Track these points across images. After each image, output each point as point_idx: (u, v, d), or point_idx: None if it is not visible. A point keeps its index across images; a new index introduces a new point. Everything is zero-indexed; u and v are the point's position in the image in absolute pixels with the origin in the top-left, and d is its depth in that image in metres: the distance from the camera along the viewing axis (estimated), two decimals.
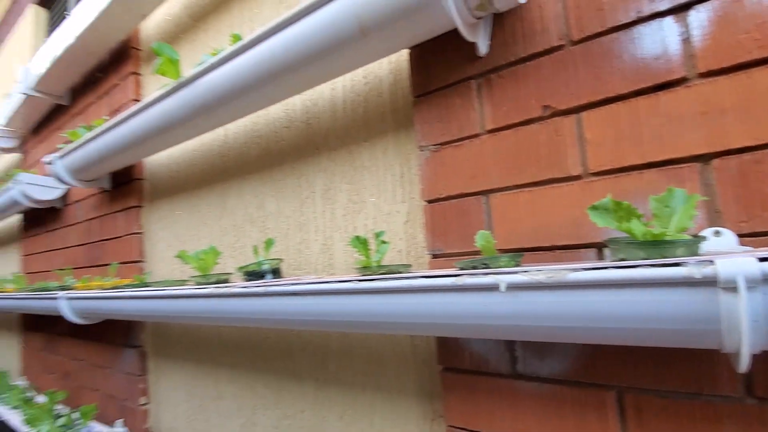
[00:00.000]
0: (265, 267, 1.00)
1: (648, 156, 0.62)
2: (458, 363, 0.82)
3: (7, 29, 3.39)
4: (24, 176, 2.02)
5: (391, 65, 1.03)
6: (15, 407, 2.07)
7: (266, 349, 1.24)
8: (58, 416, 1.75)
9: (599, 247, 0.67)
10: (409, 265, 0.82)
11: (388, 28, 0.77)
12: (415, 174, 0.97)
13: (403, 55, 0.98)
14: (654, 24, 0.61)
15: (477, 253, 0.78)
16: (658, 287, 0.44)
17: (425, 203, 0.88)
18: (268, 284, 0.88)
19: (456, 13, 0.69)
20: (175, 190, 1.60)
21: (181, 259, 1.14)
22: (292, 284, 0.83)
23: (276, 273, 1.02)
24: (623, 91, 0.64)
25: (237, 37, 1.06)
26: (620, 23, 0.65)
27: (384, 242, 0.79)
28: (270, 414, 1.22)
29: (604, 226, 0.53)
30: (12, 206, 2.23)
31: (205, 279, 1.13)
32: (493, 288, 0.57)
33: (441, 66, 0.87)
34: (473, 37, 0.77)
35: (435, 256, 0.86)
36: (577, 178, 0.70)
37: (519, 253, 0.69)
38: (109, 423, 1.75)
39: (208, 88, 1.06)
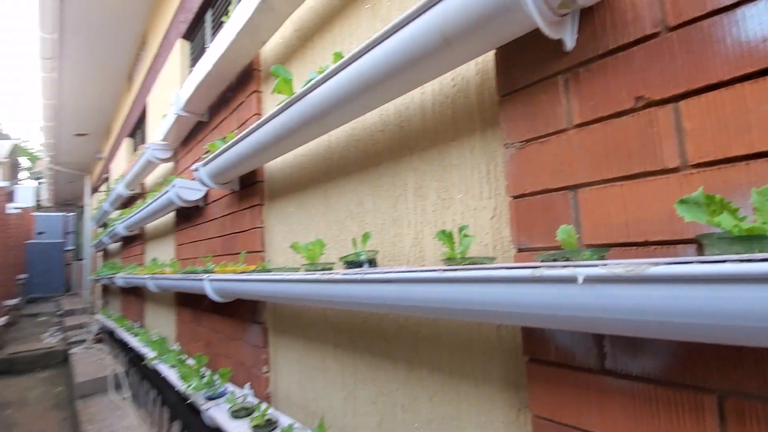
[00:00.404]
0: (363, 257, 1.13)
1: (756, 145, 0.58)
2: (544, 355, 0.83)
3: (162, 61, 4.17)
4: (178, 181, 2.50)
5: (478, 66, 1.07)
6: (172, 366, 2.58)
7: (364, 332, 1.38)
8: (203, 376, 2.15)
9: (700, 243, 0.64)
10: (493, 258, 0.86)
11: (470, 37, 0.82)
12: (502, 171, 0.99)
13: (490, 56, 1.02)
14: (760, 4, 0.56)
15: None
16: (744, 283, 0.43)
17: (511, 199, 0.91)
18: (365, 272, 1.00)
19: (537, 16, 0.71)
20: (288, 191, 1.84)
21: (294, 249, 1.33)
22: (385, 272, 0.93)
23: (372, 263, 1.14)
24: (727, 77, 0.60)
25: (338, 56, 1.20)
26: (722, 5, 0.60)
27: (467, 236, 0.85)
28: (368, 389, 1.35)
29: (692, 221, 0.51)
30: (169, 205, 2.76)
31: (313, 267, 1.30)
32: (570, 280, 0.59)
33: (527, 64, 0.89)
34: (558, 35, 0.77)
35: (520, 250, 0.89)
36: (675, 170, 0.67)
37: (604, 248, 0.68)
38: (240, 385, 2.10)
39: (315, 101, 1.22)
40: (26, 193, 14.75)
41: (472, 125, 1.07)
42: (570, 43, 0.79)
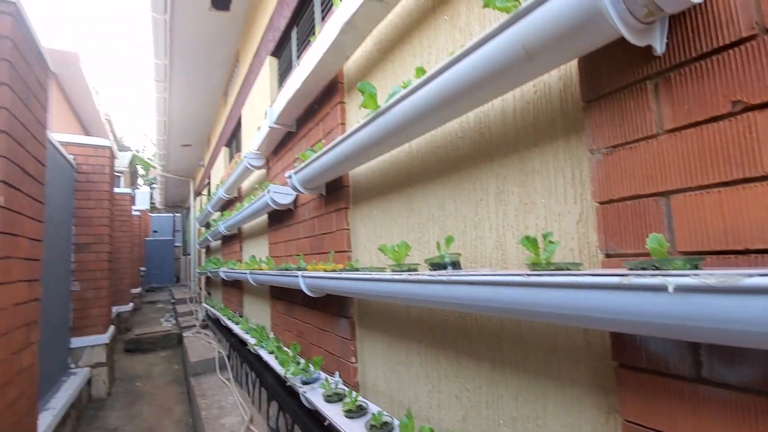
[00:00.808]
0: (447, 260, 1.20)
1: None
2: (635, 361, 0.84)
3: (253, 77, 4.61)
4: (272, 187, 2.79)
5: (561, 72, 1.08)
6: (270, 352, 2.89)
7: (447, 329, 1.45)
8: (298, 362, 2.39)
9: None
10: (579, 264, 0.88)
11: (552, 50, 0.85)
12: (587, 176, 1.00)
13: (573, 61, 1.02)
14: None
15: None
16: None
17: (597, 204, 0.92)
18: (451, 274, 1.08)
19: (622, 26, 0.73)
20: (372, 195, 1.97)
21: (381, 251, 1.44)
22: (470, 275, 1.00)
23: (455, 265, 1.21)
24: None
25: (420, 71, 1.29)
26: None
27: (552, 242, 0.88)
28: (452, 385, 1.43)
29: None
30: (265, 208, 3.09)
31: (399, 267, 1.41)
32: (660, 289, 0.61)
33: (613, 69, 0.89)
34: (646, 41, 0.77)
35: (608, 256, 0.90)
36: None
37: (698, 257, 0.68)
38: (330, 372, 2.30)
39: (399, 115, 1.32)
40: (143, 197, 17.16)
41: (554, 131, 1.09)
42: (660, 47, 0.79)
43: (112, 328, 5.09)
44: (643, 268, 0.68)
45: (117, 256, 7.56)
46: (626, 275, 0.67)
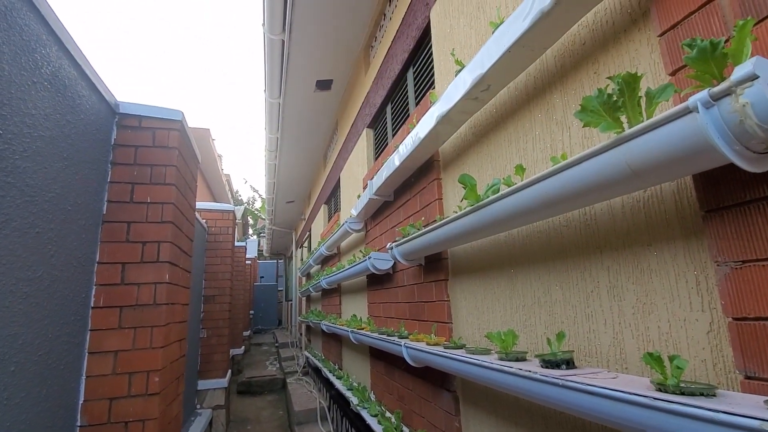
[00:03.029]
0: (560, 357, 1.20)
1: None
2: None
3: (350, 145, 5.08)
4: (374, 254, 3.00)
5: None
6: (374, 416, 2.97)
7: (561, 422, 1.40)
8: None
9: None
10: (714, 387, 0.83)
11: (660, 171, 0.87)
12: (715, 284, 0.96)
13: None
14: None
15: None
16: None
17: (730, 320, 0.87)
18: (565, 376, 1.08)
19: (737, 159, 0.73)
20: (471, 270, 2.03)
21: (489, 339, 1.48)
22: (587, 384, 0.99)
23: (569, 364, 1.20)
24: None
25: (520, 168, 1.37)
26: None
27: (679, 368, 0.85)
28: None
29: None
30: (365, 271, 3.30)
31: (507, 356, 1.42)
32: None
33: (734, 184, 0.87)
34: (766, 168, 0.76)
35: (748, 378, 0.84)
36: None
37: None
38: None
39: (500, 209, 1.39)
40: (252, 246, 19.19)
41: (671, 232, 1.06)
42: None
43: (229, 372, 5.66)
44: None
45: (234, 304, 8.48)
46: (765, 421, 0.63)
